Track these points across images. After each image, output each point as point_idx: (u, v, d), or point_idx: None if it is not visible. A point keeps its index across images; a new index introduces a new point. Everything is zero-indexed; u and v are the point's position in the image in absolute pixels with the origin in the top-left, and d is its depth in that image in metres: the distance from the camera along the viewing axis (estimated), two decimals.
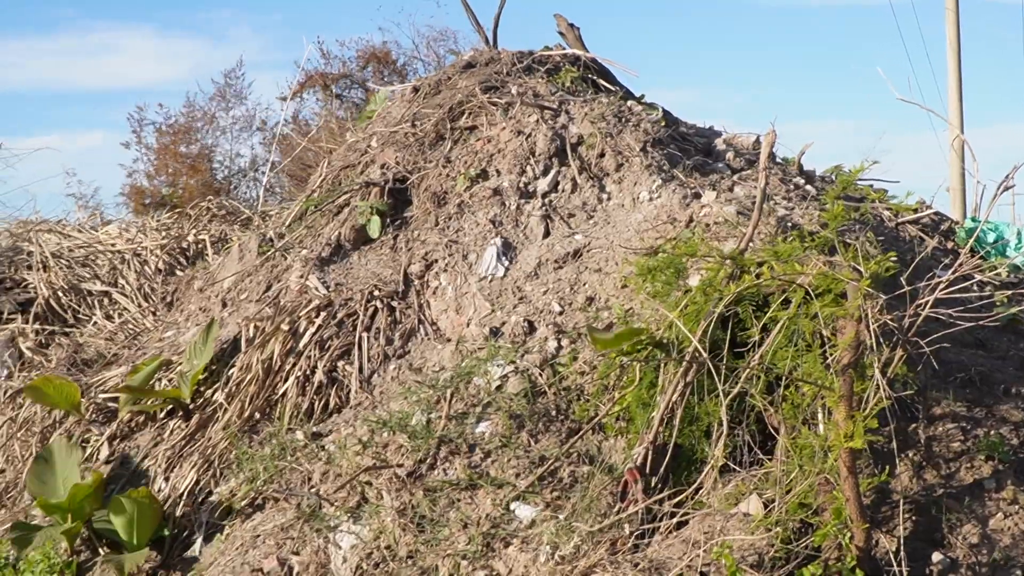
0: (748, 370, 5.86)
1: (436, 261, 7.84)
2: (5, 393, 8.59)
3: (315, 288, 7.80)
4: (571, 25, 9.76)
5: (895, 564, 5.32)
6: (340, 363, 7.41)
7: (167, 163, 23.61)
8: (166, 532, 6.86)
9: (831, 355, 5.61)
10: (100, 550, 6.94)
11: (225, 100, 23.71)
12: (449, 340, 7.39)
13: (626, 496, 5.88)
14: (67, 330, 9.50)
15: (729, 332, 6.09)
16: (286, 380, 7.36)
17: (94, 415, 7.91)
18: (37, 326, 9.47)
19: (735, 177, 8.22)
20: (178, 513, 6.99)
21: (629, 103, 8.83)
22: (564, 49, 9.58)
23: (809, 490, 5.51)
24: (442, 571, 5.77)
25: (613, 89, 9.31)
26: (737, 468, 5.89)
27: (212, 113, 23.66)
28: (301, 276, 7.95)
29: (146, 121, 23.59)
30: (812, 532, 5.41)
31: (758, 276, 6.10)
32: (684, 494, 5.83)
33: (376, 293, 7.68)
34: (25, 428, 8.17)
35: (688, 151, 8.59)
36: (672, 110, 9.21)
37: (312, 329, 7.53)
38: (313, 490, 6.52)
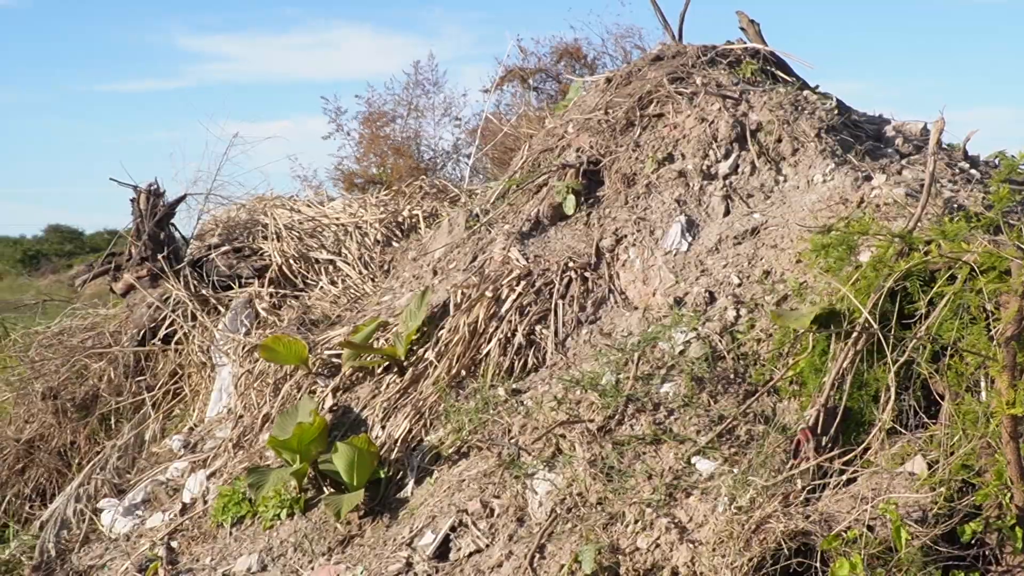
0: (915, 340, 5.77)
1: (625, 236, 7.83)
2: (244, 348, 8.83)
3: (516, 259, 7.86)
4: (752, 21, 9.62)
5: None
6: (538, 327, 7.47)
7: (374, 146, 23.92)
8: (382, 475, 7.00)
9: (995, 328, 5.48)
10: (324, 489, 7.11)
11: (422, 88, 23.91)
12: (636, 308, 7.39)
13: (799, 454, 5.82)
14: (297, 294, 9.71)
15: (897, 305, 5.99)
16: (489, 341, 7.44)
17: (320, 369, 8.10)
18: (271, 290, 9.70)
19: (904, 161, 8.05)
20: (392, 458, 7.12)
21: (805, 92, 8.68)
22: (745, 43, 9.45)
23: (971, 453, 5.39)
24: (628, 517, 5.79)
25: (790, 80, 9.15)
26: (903, 431, 5.79)
27: (412, 100, 23.88)
28: (504, 248, 8.01)
29: (342, 109, 23.89)
30: (973, 492, 5.30)
31: (926, 253, 6.00)
32: (853, 453, 5.75)
33: (571, 264, 7.71)
34: (260, 379, 8.40)
35: (859, 137, 8.42)
36: (844, 99, 9.02)
37: (513, 296, 7.59)
38: (513, 441, 6.59)
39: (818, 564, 5.12)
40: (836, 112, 8.42)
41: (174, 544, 7.32)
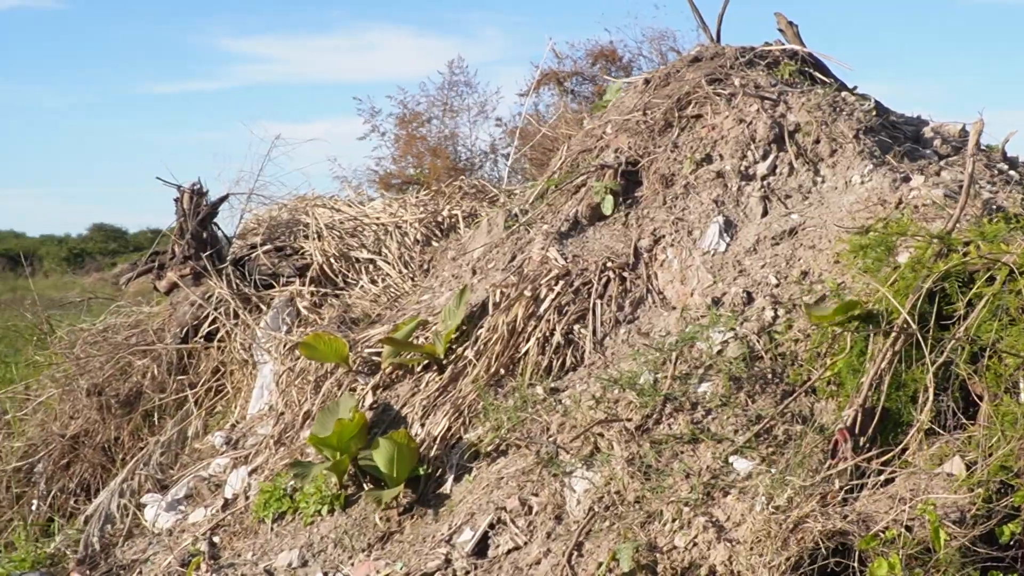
0: (953, 341, 5.74)
1: (663, 236, 7.81)
2: (285, 346, 8.86)
3: (555, 259, 7.85)
4: (790, 23, 9.58)
5: None
6: (576, 326, 7.46)
7: (410, 147, 23.96)
8: (421, 471, 7.01)
9: None
10: (364, 485, 7.13)
11: (456, 90, 23.94)
12: (674, 308, 7.37)
13: (836, 454, 5.79)
14: (337, 292, 9.74)
15: (935, 306, 5.96)
16: (528, 340, 7.44)
17: (360, 367, 8.12)
18: (312, 288, 9.72)
19: (942, 163, 8.00)
20: (432, 455, 7.13)
21: (843, 94, 8.64)
22: (783, 45, 9.42)
23: (1010, 454, 5.34)
24: (666, 515, 5.78)
25: (828, 81, 9.11)
26: (941, 431, 5.75)
27: (447, 101, 23.91)
28: (542, 248, 8.01)
29: (376, 110, 23.93)
30: (1012, 493, 5.25)
31: (965, 255, 5.97)
32: (891, 454, 5.72)
33: (609, 264, 7.70)
34: (301, 377, 8.43)
35: (897, 138, 8.38)
36: (882, 100, 8.98)
37: (551, 295, 7.58)
38: (551, 439, 6.59)
39: (856, 564, 5.09)
40: (874, 113, 8.38)
41: (216, 539, 7.35)
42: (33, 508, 9.06)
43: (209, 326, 9.68)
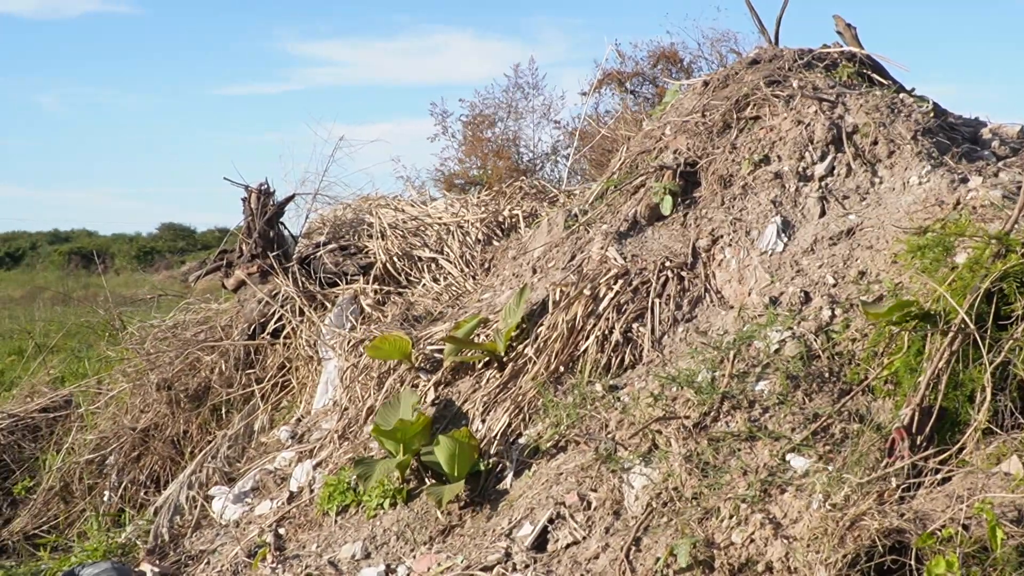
0: (1012, 341, 5.67)
1: (721, 236, 7.78)
2: (349, 343, 8.91)
3: (614, 258, 7.84)
4: (848, 25, 9.52)
5: None
6: (634, 325, 7.44)
7: (475, 148, 24.01)
8: (481, 467, 7.03)
9: None
10: (426, 480, 7.16)
11: (522, 91, 23.94)
12: (732, 307, 7.33)
13: (893, 452, 5.74)
14: (400, 290, 9.78)
15: (993, 306, 5.89)
16: (587, 338, 7.43)
17: (422, 364, 8.15)
18: (376, 286, 9.78)
19: (1000, 164, 7.90)
20: (492, 451, 7.15)
21: (901, 95, 8.56)
22: (841, 47, 9.35)
23: None
24: (723, 512, 5.76)
25: (886, 83, 9.03)
26: (998, 431, 5.67)
27: (512, 103, 23.92)
28: (602, 248, 8.00)
29: (447, 112, 23.99)
30: None
31: (1023, 255, 5.89)
32: (948, 453, 5.66)
33: (667, 264, 7.68)
34: (365, 373, 8.47)
35: (955, 139, 8.29)
36: (939, 102, 8.89)
37: (610, 294, 7.57)
38: (609, 436, 6.58)
39: (912, 562, 5.04)
40: (932, 115, 8.30)
41: (281, 531, 7.40)
42: (105, 499, 9.18)
43: (275, 323, 9.76)
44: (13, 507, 9.61)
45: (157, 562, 7.42)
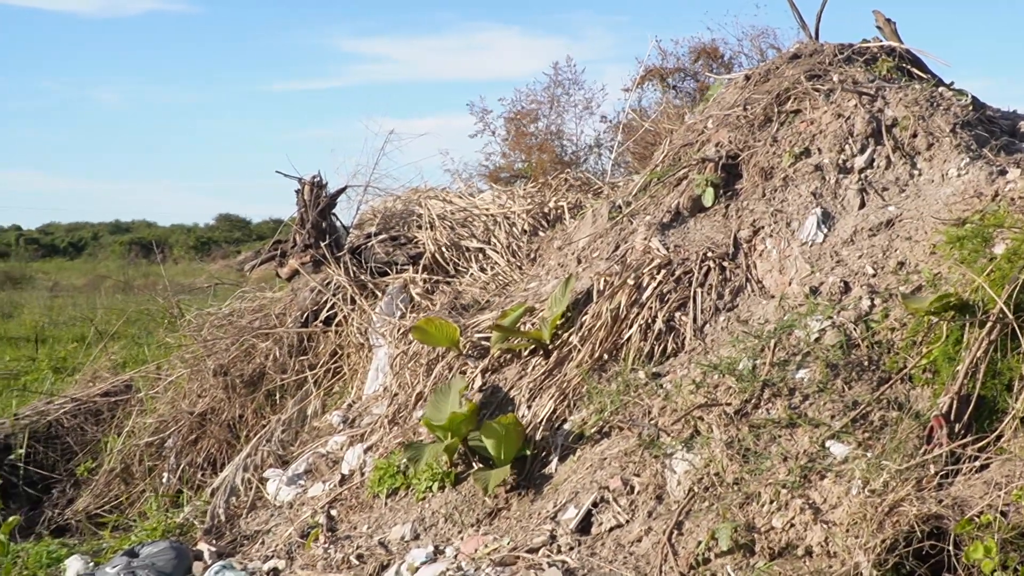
0: None
1: (762, 228, 7.73)
2: (399, 331, 8.93)
3: (657, 249, 7.81)
4: (888, 20, 9.43)
5: None
6: (677, 314, 7.41)
7: (519, 143, 23.99)
8: (527, 452, 7.03)
9: None
10: (473, 464, 7.17)
11: (562, 87, 23.89)
12: (773, 297, 7.29)
13: (932, 440, 5.69)
14: (448, 280, 9.80)
15: None
16: (630, 327, 7.41)
17: (470, 351, 8.16)
18: (425, 276, 9.79)
19: None
20: (537, 437, 7.14)
21: (940, 89, 8.48)
22: (881, 41, 9.26)
23: None
24: (764, 497, 5.73)
25: (925, 77, 8.94)
26: None
27: (554, 98, 23.88)
28: (645, 238, 7.97)
29: (487, 110, 23.94)
30: None
31: None
32: (986, 440, 5.60)
33: (709, 254, 7.64)
34: (414, 360, 8.49)
35: (994, 132, 8.20)
36: (978, 95, 8.79)
37: (653, 284, 7.55)
38: (652, 422, 6.57)
39: (951, 547, 5.00)
40: (971, 108, 8.20)
41: (333, 512, 7.44)
42: (164, 481, 9.26)
43: (328, 311, 9.80)
44: (76, 487, 9.71)
45: (214, 541, 7.47)
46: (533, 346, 7.78)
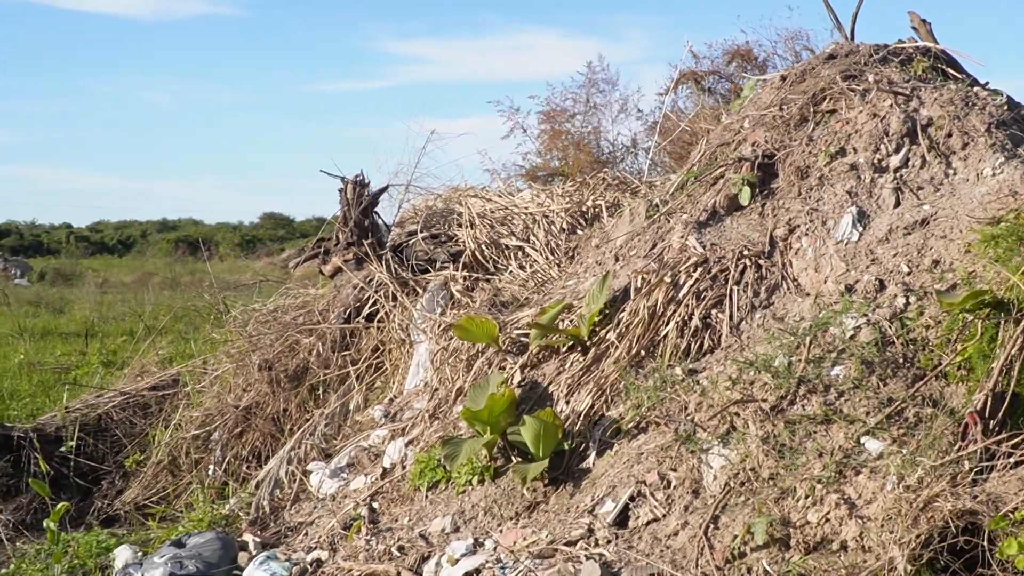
0: None
1: (798, 226, 7.69)
2: (439, 327, 8.95)
3: (693, 247, 7.79)
4: (923, 21, 9.36)
5: None
6: (713, 311, 7.39)
7: (555, 141, 23.96)
8: (565, 446, 7.02)
9: None
10: (512, 459, 7.17)
11: (597, 87, 23.85)
12: (808, 294, 7.26)
13: (966, 436, 5.64)
14: (488, 277, 9.81)
15: None
16: (667, 324, 7.40)
17: (509, 347, 8.16)
18: (465, 273, 9.81)
19: None
20: (575, 431, 7.14)
21: (975, 89, 8.40)
22: (916, 42, 9.20)
23: None
24: (799, 492, 5.71)
25: (960, 77, 8.87)
26: None
27: (588, 98, 23.84)
28: (682, 236, 7.95)
29: (516, 109, 23.84)
30: None
31: None
32: (1020, 437, 5.54)
33: (745, 253, 7.61)
34: (454, 356, 8.51)
35: None
36: (1013, 95, 8.71)
37: (690, 282, 7.53)
38: (689, 417, 6.55)
39: (985, 543, 4.96)
40: (1006, 108, 8.13)
41: (375, 505, 7.47)
42: (210, 473, 9.33)
43: (370, 307, 9.84)
44: (125, 479, 9.81)
45: (259, 532, 7.52)
46: (571, 343, 7.78)
